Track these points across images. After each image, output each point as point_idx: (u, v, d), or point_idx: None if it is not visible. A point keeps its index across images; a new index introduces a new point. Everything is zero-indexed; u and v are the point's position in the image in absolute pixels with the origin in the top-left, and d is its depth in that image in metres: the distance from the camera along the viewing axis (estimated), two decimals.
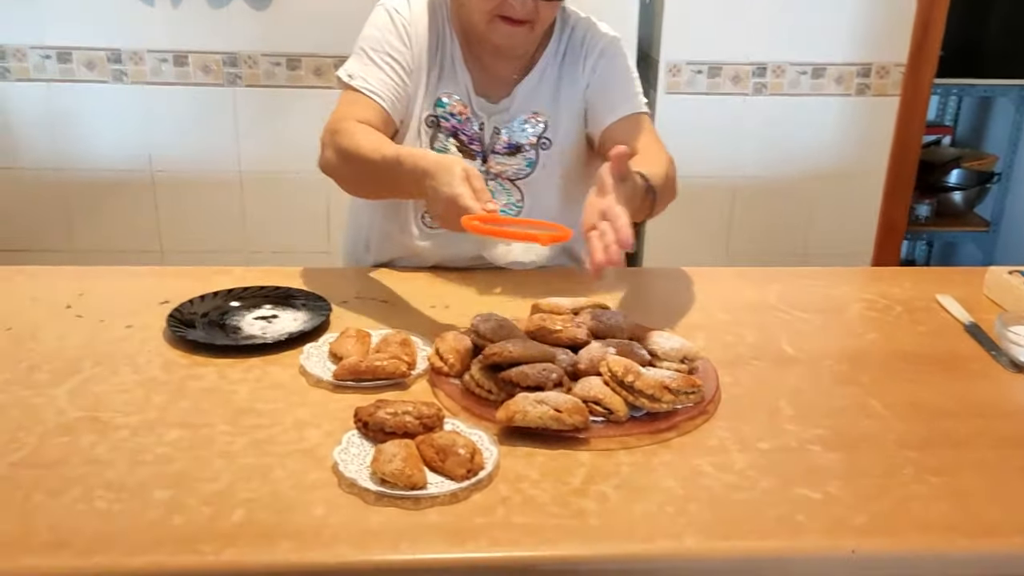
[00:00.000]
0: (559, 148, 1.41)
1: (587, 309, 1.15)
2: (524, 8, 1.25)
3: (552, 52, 1.39)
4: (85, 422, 0.94)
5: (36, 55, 2.45)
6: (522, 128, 1.39)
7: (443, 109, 1.38)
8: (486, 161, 1.40)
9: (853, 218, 2.72)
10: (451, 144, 1.39)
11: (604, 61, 1.39)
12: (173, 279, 1.34)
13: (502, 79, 1.39)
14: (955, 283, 1.38)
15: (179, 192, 2.61)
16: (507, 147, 1.40)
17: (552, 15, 1.32)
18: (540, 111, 1.40)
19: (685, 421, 0.96)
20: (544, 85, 1.40)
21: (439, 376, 1.05)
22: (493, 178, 1.41)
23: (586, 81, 1.40)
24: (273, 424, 0.95)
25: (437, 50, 1.37)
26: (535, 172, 1.41)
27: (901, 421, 0.98)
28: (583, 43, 1.40)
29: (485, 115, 1.39)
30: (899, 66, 2.55)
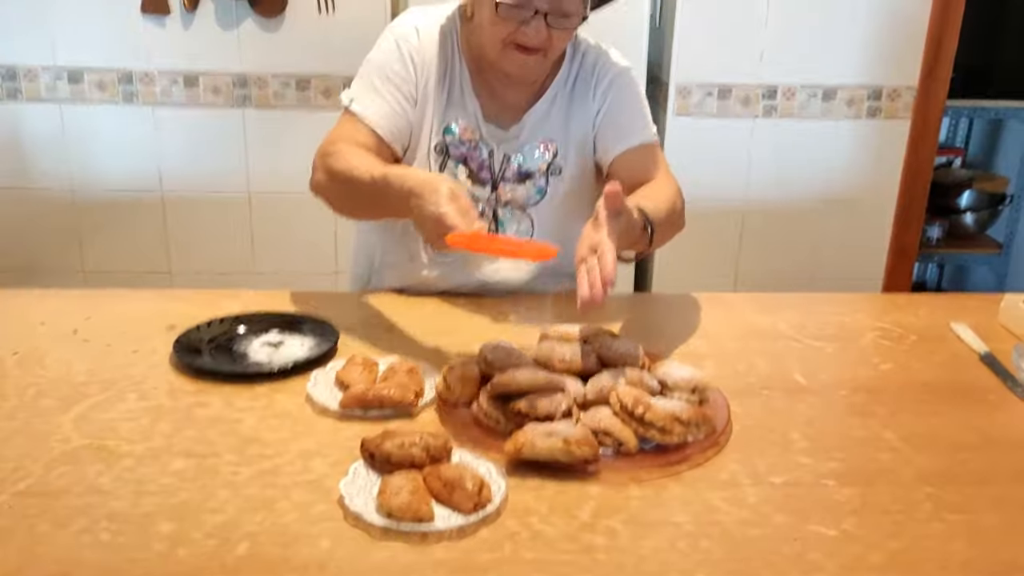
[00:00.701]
0: (569, 175, 1.40)
1: (597, 336, 1.14)
2: (538, 36, 1.24)
3: (563, 79, 1.39)
4: (90, 451, 0.93)
5: (47, 76, 2.47)
6: (532, 155, 1.39)
7: (452, 136, 1.37)
8: (496, 188, 1.40)
9: (864, 241, 2.70)
10: (460, 171, 1.38)
11: (615, 90, 1.39)
12: (180, 303, 1.34)
13: (512, 105, 1.38)
14: (969, 310, 1.36)
15: (188, 212, 2.62)
16: (517, 174, 1.39)
17: (565, 43, 1.32)
18: (551, 138, 1.39)
19: (696, 453, 0.95)
20: (555, 112, 1.39)
21: (447, 405, 1.04)
22: (503, 205, 1.40)
23: (596, 109, 1.39)
24: (279, 454, 0.94)
25: (446, 77, 1.36)
26: (545, 199, 1.40)
27: (918, 455, 0.96)
28: (594, 70, 1.39)
29: (495, 142, 1.38)
30: (910, 89, 2.54)
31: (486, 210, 1.40)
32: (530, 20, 1.23)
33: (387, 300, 1.40)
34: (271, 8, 2.43)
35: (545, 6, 1.22)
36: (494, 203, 1.40)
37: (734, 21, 2.47)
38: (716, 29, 2.48)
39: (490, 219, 1.41)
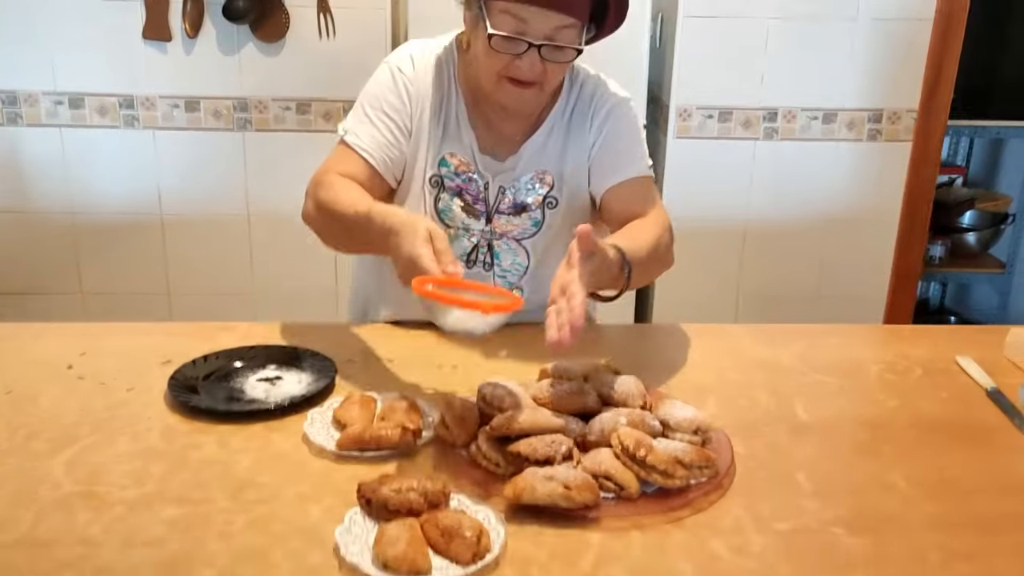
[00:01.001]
0: (566, 207, 1.39)
1: (597, 374, 1.12)
2: (532, 70, 1.23)
3: (560, 110, 1.37)
4: (81, 498, 0.91)
5: (48, 100, 2.47)
6: (528, 187, 1.37)
7: (447, 169, 1.36)
8: (490, 221, 1.38)
9: (866, 262, 2.69)
10: (455, 204, 1.37)
11: (611, 122, 1.37)
12: (177, 337, 1.32)
13: (509, 137, 1.37)
14: (975, 343, 1.34)
15: (188, 235, 2.61)
16: (512, 207, 1.38)
17: (561, 76, 1.30)
18: (547, 170, 1.37)
19: (699, 497, 0.93)
20: (551, 143, 1.37)
21: (445, 446, 1.02)
22: (499, 238, 1.39)
23: (592, 140, 1.37)
24: (274, 498, 0.92)
25: (442, 108, 1.35)
26: (541, 232, 1.39)
27: (927, 500, 0.94)
28: (591, 102, 1.37)
29: (490, 174, 1.36)
30: (911, 112, 2.54)
31: (481, 243, 1.39)
32: (524, 53, 1.21)
33: (385, 332, 1.38)
34: (272, 33, 2.43)
35: (539, 39, 1.20)
36: (489, 236, 1.38)
37: (734, 44, 2.47)
38: (716, 52, 2.48)
39: (485, 251, 1.39)
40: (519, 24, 1.19)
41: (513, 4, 1.18)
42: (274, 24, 2.43)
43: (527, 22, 1.19)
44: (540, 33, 1.20)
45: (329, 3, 2.43)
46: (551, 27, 1.19)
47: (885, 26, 2.46)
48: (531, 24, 1.19)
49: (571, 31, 1.21)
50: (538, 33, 1.20)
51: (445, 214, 1.37)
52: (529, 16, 1.18)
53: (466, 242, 1.38)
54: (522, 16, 1.18)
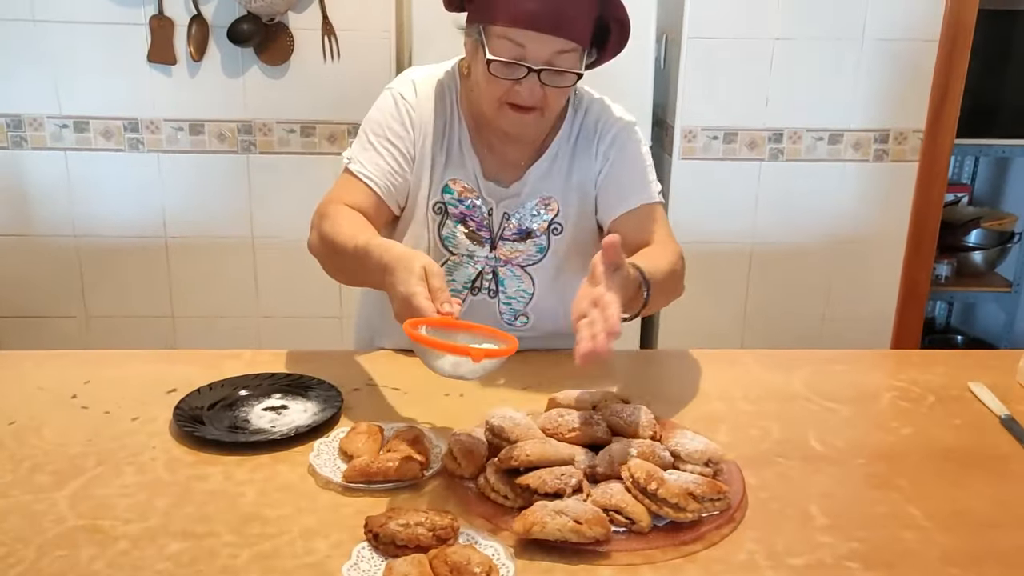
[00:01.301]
0: (571, 233, 1.38)
1: (606, 403, 1.11)
2: (532, 95, 1.22)
3: (565, 136, 1.36)
4: (85, 532, 0.90)
5: (53, 124, 2.47)
6: (533, 213, 1.36)
7: (450, 195, 1.35)
8: (495, 248, 1.37)
9: (873, 282, 2.68)
10: (459, 231, 1.36)
11: (617, 148, 1.36)
12: (181, 365, 1.31)
13: (513, 163, 1.36)
14: (987, 368, 1.33)
15: (192, 257, 2.61)
16: (517, 233, 1.37)
17: (562, 101, 1.29)
18: (552, 195, 1.36)
19: (712, 531, 0.91)
20: (556, 169, 1.36)
21: (453, 478, 1.01)
22: (503, 264, 1.38)
23: (598, 167, 1.36)
24: (280, 533, 0.91)
25: (444, 135, 1.34)
26: (547, 258, 1.38)
27: (943, 533, 0.92)
28: (596, 127, 1.36)
29: (494, 200, 1.36)
30: (917, 132, 2.53)
31: (485, 269, 1.38)
32: (523, 79, 1.20)
33: (391, 360, 1.37)
34: (276, 56, 2.44)
35: (539, 64, 1.19)
36: (494, 262, 1.37)
37: (739, 65, 2.47)
38: (721, 73, 2.48)
39: (490, 278, 1.38)
40: (518, 49, 1.19)
41: (512, 29, 1.18)
42: (278, 47, 2.43)
43: (526, 47, 1.18)
44: (539, 58, 1.19)
45: (333, 26, 2.43)
46: (550, 52, 1.19)
47: (890, 47, 2.46)
48: (530, 49, 1.18)
49: (571, 56, 1.20)
50: (537, 58, 1.19)
51: (449, 241, 1.37)
52: (528, 41, 1.18)
53: (471, 269, 1.38)
54: (521, 41, 1.18)
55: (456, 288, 1.38)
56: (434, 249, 1.37)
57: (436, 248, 1.37)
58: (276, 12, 2.37)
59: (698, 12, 2.43)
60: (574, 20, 1.18)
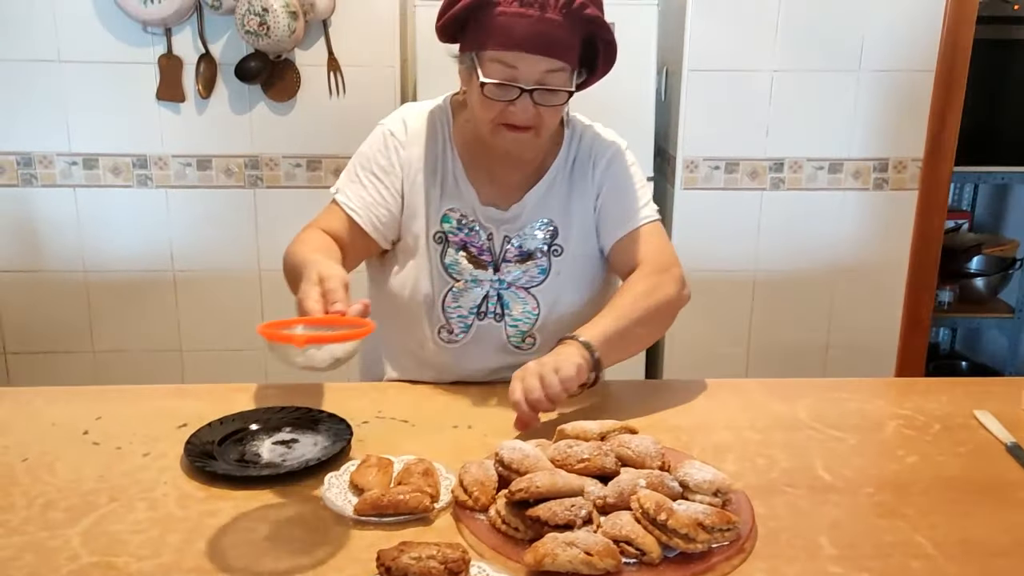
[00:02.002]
0: (571, 255, 1.41)
1: (615, 433, 1.12)
2: (525, 114, 1.26)
3: (563, 160, 1.41)
4: (99, 569, 0.91)
5: (63, 161, 2.51)
6: (532, 235, 1.40)
7: (449, 224, 1.39)
8: (498, 270, 1.40)
9: (876, 310, 2.69)
10: (461, 257, 1.39)
11: (611, 172, 1.41)
12: (191, 400, 1.32)
13: (514, 187, 1.40)
14: (992, 396, 1.34)
15: (199, 291, 2.63)
16: (518, 255, 1.40)
17: (555, 120, 1.33)
18: (551, 218, 1.40)
19: (722, 562, 0.92)
20: (555, 193, 1.40)
21: (463, 510, 1.01)
22: (507, 288, 1.40)
23: (596, 191, 1.41)
24: (293, 568, 0.91)
25: (437, 169, 1.39)
26: (549, 279, 1.41)
27: (952, 563, 0.92)
28: (591, 152, 1.41)
29: (494, 225, 1.39)
30: (916, 161, 2.56)
31: (491, 293, 1.40)
32: (517, 99, 1.25)
33: (400, 392, 1.38)
34: (283, 93, 2.48)
35: (530, 84, 1.24)
36: (498, 286, 1.40)
37: (739, 96, 2.51)
38: (721, 104, 2.52)
39: (495, 302, 1.41)
40: (510, 71, 1.24)
41: (503, 52, 1.23)
42: (285, 84, 2.48)
43: (517, 68, 1.23)
44: (531, 78, 1.24)
45: (339, 62, 2.48)
46: (540, 72, 1.24)
47: (887, 77, 2.50)
48: (521, 70, 1.23)
49: (561, 74, 1.25)
50: (529, 78, 1.24)
51: (452, 268, 1.39)
52: (518, 62, 1.23)
53: (477, 292, 1.40)
54: (512, 63, 1.23)
55: (463, 314, 1.40)
56: (439, 278, 1.40)
57: (441, 276, 1.40)
58: (283, 49, 2.42)
59: (698, 45, 2.48)
60: (561, 41, 1.23)
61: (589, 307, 1.43)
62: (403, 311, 1.42)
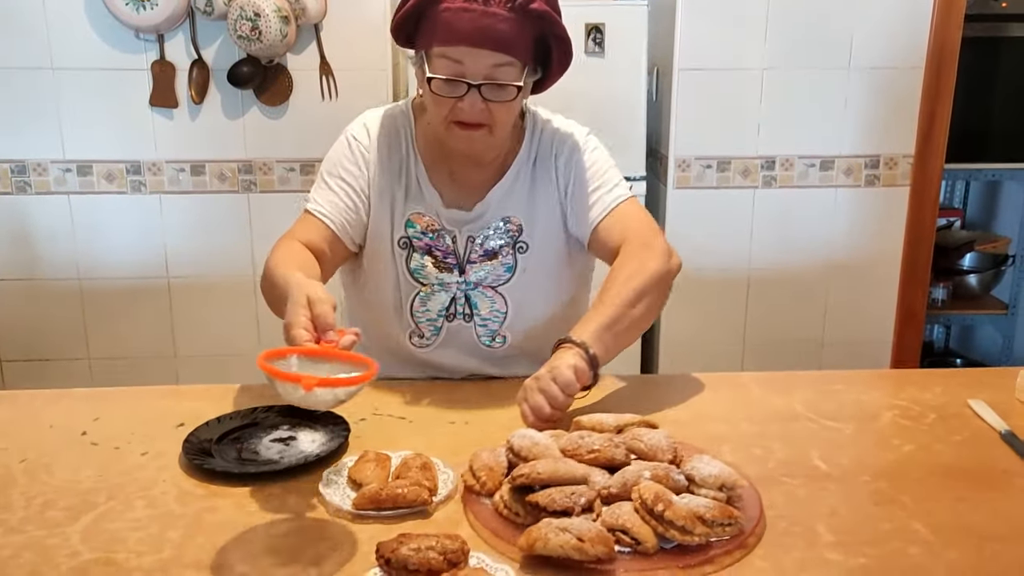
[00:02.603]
0: (537, 251, 1.40)
1: (631, 427, 1.12)
2: (474, 110, 1.25)
3: (524, 157, 1.40)
4: (99, 565, 0.91)
5: (57, 169, 2.51)
6: (496, 233, 1.39)
7: (414, 229, 1.39)
8: (463, 272, 1.40)
9: (870, 307, 2.70)
10: (426, 261, 1.39)
11: (575, 163, 1.39)
12: (189, 400, 1.33)
13: (476, 187, 1.39)
14: (986, 385, 1.35)
15: (194, 297, 2.63)
16: (483, 254, 1.39)
17: (509, 117, 1.30)
18: (514, 215, 1.39)
19: (721, 555, 0.91)
20: (517, 189, 1.39)
21: (471, 495, 1.02)
22: (474, 288, 1.40)
23: (563, 185, 1.40)
24: (292, 561, 0.92)
25: (402, 173, 1.38)
26: (516, 276, 1.40)
27: (949, 548, 0.93)
28: (552, 147, 1.40)
29: (457, 227, 1.39)
30: (907, 157, 2.58)
31: (458, 295, 1.40)
32: (465, 95, 1.24)
33: (396, 389, 1.38)
34: (276, 97, 2.48)
35: (477, 79, 1.23)
36: (464, 287, 1.40)
37: (730, 95, 2.52)
38: (712, 103, 2.53)
39: (463, 303, 1.41)
40: (456, 66, 1.23)
41: (449, 48, 1.22)
42: (278, 88, 2.48)
43: (463, 63, 1.23)
44: (478, 73, 1.23)
45: (331, 66, 2.49)
46: (487, 66, 1.23)
47: (877, 74, 2.51)
48: (468, 65, 1.23)
49: (510, 69, 1.24)
50: (476, 73, 1.23)
51: (418, 273, 1.40)
52: (464, 57, 1.22)
53: (444, 296, 1.40)
54: (457, 58, 1.23)
55: (432, 317, 1.41)
56: (405, 283, 1.40)
57: (407, 281, 1.40)
58: (275, 54, 2.42)
59: (688, 45, 2.49)
60: (508, 35, 1.22)
61: (558, 305, 1.43)
62: (376, 315, 1.44)
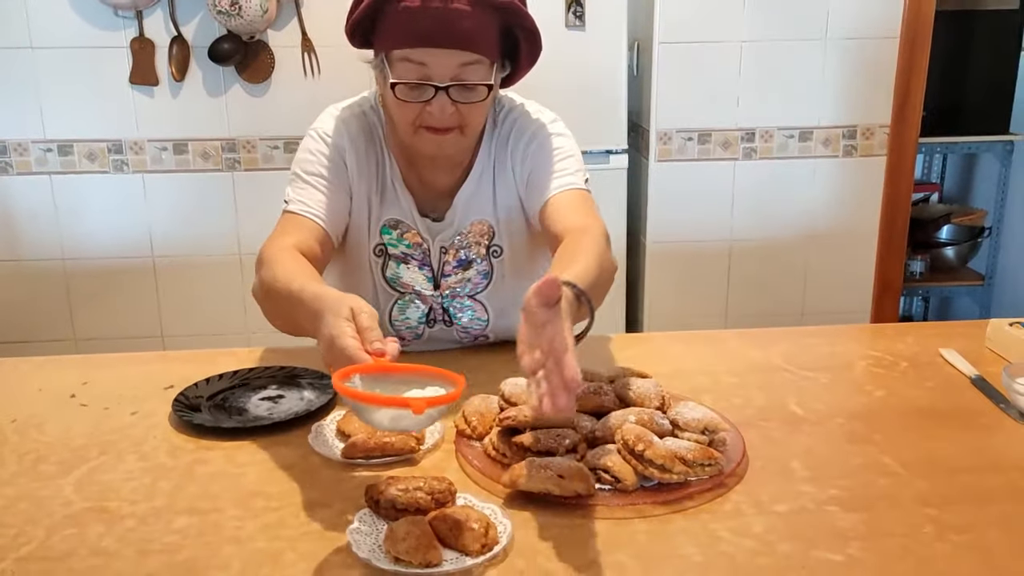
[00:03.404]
0: (511, 253, 1.36)
1: (622, 376, 1.14)
2: (443, 114, 1.17)
3: (485, 154, 1.32)
4: (92, 513, 0.93)
5: (38, 149, 2.50)
6: (468, 242, 1.34)
7: (389, 236, 1.33)
8: (438, 286, 1.36)
9: (849, 277, 2.74)
10: (402, 270, 1.35)
11: (532, 149, 1.30)
12: (177, 364, 1.34)
13: (444, 191, 1.33)
14: (957, 336, 1.38)
15: (180, 277, 2.63)
16: (458, 264, 1.35)
17: (480, 117, 1.23)
18: (483, 218, 1.33)
19: (699, 492, 0.94)
20: (482, 190, 1.33)
21: (462, 439, 1.05)
22: (451, 299, 1.37)
23: (518, 175, 1.32)
24: (283, 506, 0.94)
25: (377, 175, 1.31)
26: (492, 283, 1.36)
27: (918, 478, 0.97)
28: (509, 139, 1.31)
29: (430, 237, 1.33)
30: (883, 127, 2.61)
31: (435, 307, 1.37)
32: (433, 99, 1.16)
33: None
34: (258, 74, 2.48)
35: (444, 81, 1.15)
36: (440, 299, 1.37)
37: (709, 68, 2.55)
38: (692, 76, 2.56)
39: (441, 313, 1.38)
40: (421, 69, 1.15)
41: (410, 50, 1.14)
42: (259, 65, 2.48)
43: (428, 65, 1.14)
44: (445, 75, 1.15)
45: (313, 43, 2.49)
46: (454, 66, 1.15)
47: (853, 45, 2.55)
48: (433, 67, 1.14)
49: (478, 68, 1.16)
50: (443, 75, 1.15)
51: (394, 282, 1.36)
52: (428, 59, 1.14)
53: (421, 305, 1.37)
54: (421, 60, 1.14)
55: (411, 324, 1.38)
56: (382, 291, 1.36)
57: (384, 290, 1.36)
58: (256, 30, 2.42)
59: (667, 19, 2.51)
60: (472, 32, 1.13)
61: None
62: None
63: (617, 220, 2.53)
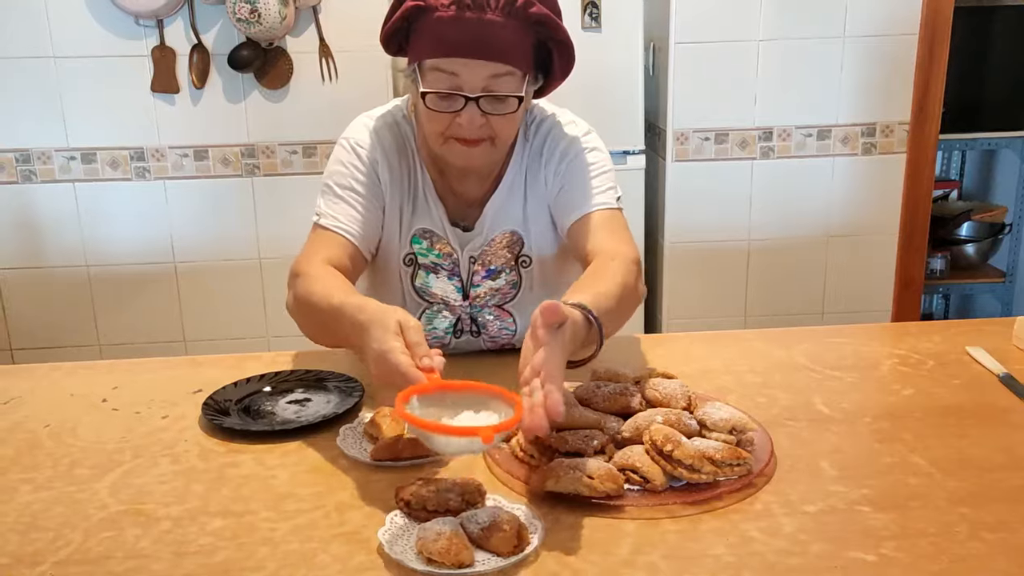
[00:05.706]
0: (539, 263, 1.36)
1: (648, 377, 1.14)
2: (473, 126, 1.17)
3: (517, 164, 1.32)
4: (128, 515, 0.94)
5: (61, 157, 2.53)
6: (498, 251, 1.34)
7: (419, 246, 1.34)
8: (467, 296, 1.36)
9: (869, 275, 2.73)
10: (432, 280, 1.35)
11: (565, 164, 1.30)
12: (205, 368, 1.36)
13: (474, 201, 1.33)
14: (984, 334, 1.38)
15: (201, 281, 2.66)
16: (486, 274, 1.35)
17: (511, 129, 1.23)
18: (512, 229, 1.33)
19: (728, 493, 0.94)
20: (513, 199, 1.32)
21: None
22: (480, 309, 1.37)
23: (551, 187, 1.31)
24: (314, 508, 0.95)
25: (410, 186, 1.31)
26: (521, 293, 1.36)
27: (949, 477, 0.96)
28: (543, 150, 1.31)
29: (460, 247, 1.33)
30: (903, 124, 2.60)
31: (463, 317, 1.37)
32: (463, 110, 1.16)
33: None
34: (276, 80, 2.51)
35: (475, 92, 1.15)
36: (469, 309, 1.37)
37: (726, 67, 2.55)
38: (709, 76, 2.56)
39: (469, 323, 1.38)
40: (452, 79, 1.15)
41: (442, 60, 1.14)
42: (278, 71, 2.50)
43: (459, 76, 1.14)
44: (475, 86, 1.15)
45: (330, 48, 2.51)
46: (485, 77, 1.14)
47: (872, 42, 2.54)
48: (464, 78, 1.14)
49: (509, 79, 1.16)
50: (473, 86, 1.15)
51: (423, 291, 1.36)
52: (460, 69, 1.14)
53: (449, 315, 1.38)
54: (453, 70, 1.14)
55: (439, 335, 1.38)
56: (411, 301, 1.37)
57: (412, 299, 1.37)
58: (274, 37, 2.45)
59: (683, 18, 2.51)
60: (504, 43, 1.13)
61: None
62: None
63: (635, 220, 2.53)
